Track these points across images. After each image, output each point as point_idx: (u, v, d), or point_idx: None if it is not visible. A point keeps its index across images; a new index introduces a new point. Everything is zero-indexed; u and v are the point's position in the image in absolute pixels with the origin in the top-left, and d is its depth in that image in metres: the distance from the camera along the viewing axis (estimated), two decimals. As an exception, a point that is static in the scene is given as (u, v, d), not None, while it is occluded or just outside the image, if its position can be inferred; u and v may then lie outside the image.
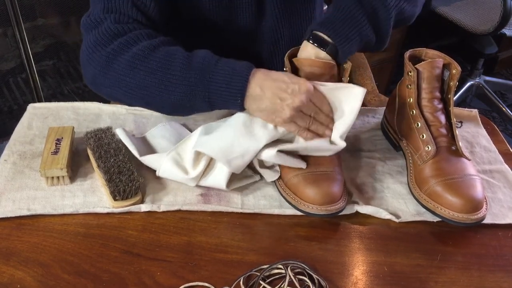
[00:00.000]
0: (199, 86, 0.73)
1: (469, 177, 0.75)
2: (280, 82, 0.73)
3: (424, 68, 0.80)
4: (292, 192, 0.76)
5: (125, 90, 0.77)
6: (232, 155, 0.74)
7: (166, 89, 0.75)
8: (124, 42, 0.77)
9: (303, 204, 0.74)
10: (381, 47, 0.86)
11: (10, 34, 1.74)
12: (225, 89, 0.73)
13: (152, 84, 0.75)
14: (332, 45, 0.78)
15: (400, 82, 0.87)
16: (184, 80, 0.74)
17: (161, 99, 0.76)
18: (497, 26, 1.90)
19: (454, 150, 0.78)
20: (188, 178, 0.77)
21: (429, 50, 0.85)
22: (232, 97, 0.73)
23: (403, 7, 0.84)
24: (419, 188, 0.77)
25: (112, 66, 0.77)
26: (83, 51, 0.80)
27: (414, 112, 0.81)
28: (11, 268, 0.66)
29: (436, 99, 0.81)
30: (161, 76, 0.74)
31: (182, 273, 0.67)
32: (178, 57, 0.75)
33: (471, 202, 0.72)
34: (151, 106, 0.81)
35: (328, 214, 0.74)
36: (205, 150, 0.75)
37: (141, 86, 0.76)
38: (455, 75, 0.80)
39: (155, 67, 0.75)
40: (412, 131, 0.81)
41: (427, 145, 0.78)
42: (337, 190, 0.75)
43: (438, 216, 0.74)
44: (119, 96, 0.80)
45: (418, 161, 0.79)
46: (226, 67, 0.73)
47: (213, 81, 0.73)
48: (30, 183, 0.79)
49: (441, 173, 0.75)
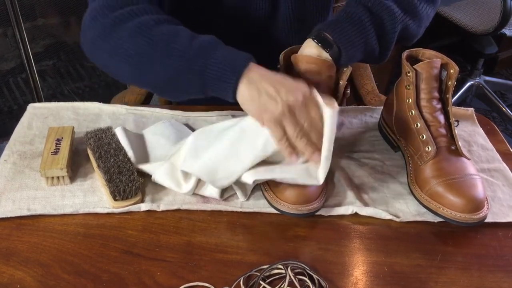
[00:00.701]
0: (197, 62, 0.72)
1: (470, 177, 0.75)
2: (279, 76, 0.72)
3: (423, 69, 0.80)
4: (270, 188, 0.76)
5: (122, 57, 0.76)
6: (217, 176, 0.74)
7: (164, 61, 0.74)
8: (132, 12, 0.77)
9: (278, 202, 0.74)
10: (381, 60, 0.86)
11: (10, 34, 1.74)
12: (224, 67, 0.72)
13: (151, 53, 0.74)
14: (336, 48, 0.77)
15: (397, 82, 0.87)
16: (184, 55, 0.73)
17: (157, 70, 0.75)
18: (497, 26, 1.90)
19: (454, 150, 0.78)
20: (182, 192, 0.77)
21: (426, 50, 0.85)
22: (228, 80, 0.71)
23: (408, 24, 0.84)
24: (420, 189, 0.77)
25: (115, 30, 0.76)
26: (88, 13, 0.80)
27: (413, 113, 0.81)
28: (11, 268, 0.66)
29: (435, 99, 0.81)
30: (162, 47, 0.73)
31: (182, 273, 0.67)
32: (182, 34, 0.75)
33: (473, 202, 0.72)
34: (144, 77, 0.78)
35: (299, 214, 0.74)
36: (192, 171, 0.75)
37: (139, 54, 0.75)
38: (453, 74, 0.80)
39: (157, 38, 0.74)
40: (412, 131, 0.81)
41: (427, 146, 0.78)
42: (313, 191, 0.74)
43: (440, 217, 0.74)
44: (114, 63, 0.78)
45: (418, 162, 0.79)
46: (228, 52, 0.73)
47: (212, 62, 0.72)
48: (30, 183, 0.79)
49: (442, 174, 0.75)
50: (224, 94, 0.73)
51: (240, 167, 0.73)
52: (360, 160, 0.87)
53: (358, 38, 0.79)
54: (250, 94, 0.71)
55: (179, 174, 0.77)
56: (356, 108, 1.01)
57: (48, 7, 1.82)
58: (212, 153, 0.75)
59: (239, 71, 0.71)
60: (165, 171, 0.78)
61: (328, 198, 0.79)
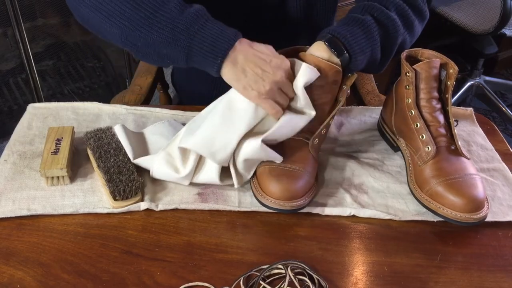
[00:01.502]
0: (183, 34, 0.72)
1: (470, 177, 0.75)
2: (263, 54, 0.74)
3: (422, 69, 0.80)
4: (258, 182, 0.77)
5: (105, 15, 0.74)
6: (214, 147, 0.74)
7: (149, 27, 0.72)
8: None
9: (263, 195, 0.75)
10: (379, 70, 0.88)
11: (10, 34, 1.74)
12: (209, 46, 0.72)
13: (137, 18, 0.73)
14: (347, 55, 0.77)
15: (396, 82, 0.87)
16: (170, 24, 0.72)
17: (139, 34, 0.73)
18: (497, 26, 1.90)
19: (454, 150, 0.79)
20: (181, 177, 0.77)
21: (425, 50, 0.85)
22: (213, 56, 0.72)
23: (406, 38, 0.86)
24: (420, 189, 0.77)
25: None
26: None
27: (413, 113, 0.81)
28: (11, 268, 0.66)
29: (434, 99, 0.81)
30: (149, 13, 0.72)
31: (182, 273, 0.67)
32: (172, 2, 0.73)
33: (473, 202, 0.72)
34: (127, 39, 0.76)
35: (282, 209, 0.74)
36: (189, 145, 0.75)
37: (124, 17, 0.73)
38: (452, 74, 0.80)
39: (145, 2, 0.73)
40: (411, 131, 0.81)
41: (427, 146, 0.78)
42: (299, 188, 0.74)
43: (440, 216, 0.74)
44: (96, 21, 0.76)
45: (418, 162, 0.79)
46: (216, 26, 0.73)
47: (199, 34, 0.72)
48: (30, 183, 0.79)
49: (442, 173, 0.75)
50: (209, 70, 0.75)
51: (235, 134, 0.75)
52: (359, 160, 0.87)
53: (367, 47, 0.79)
54: (235, 74, 0.73)
55: (177, 159, 0.78)
56: (355, 108, 1.01)
57: (48, 7, 1.82)
58: (206, 125, 0.76)
59: (223, 52, 0.72)
60: (162, 160, 0.78)
61: (326, 198, 0.79)
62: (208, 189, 0.79)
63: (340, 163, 0.86)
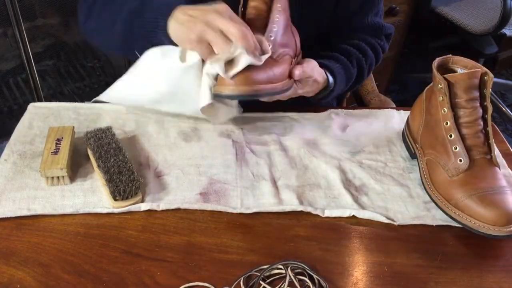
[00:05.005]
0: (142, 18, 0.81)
1: (502, 190, 0.73)
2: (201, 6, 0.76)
3: (461, 80, 0.77)
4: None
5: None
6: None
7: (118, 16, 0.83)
8: None
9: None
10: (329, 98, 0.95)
11: (10, 34, 1.74)
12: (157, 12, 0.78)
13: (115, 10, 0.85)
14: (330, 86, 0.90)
15: (427, 89, 0.85)
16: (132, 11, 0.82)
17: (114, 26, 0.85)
18: (497, 26, 1.90)
19: (488, 160, 0.76)
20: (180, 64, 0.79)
21: (455, 56, 0.83)
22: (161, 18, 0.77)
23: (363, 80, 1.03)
24: (446, 200, 0.75)
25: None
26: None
27: (447, 124, 0.78)
28: (11, 268, 0.66)
29: (474, 109, 0.78)
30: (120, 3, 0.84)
31: (182, 273, 0.67)
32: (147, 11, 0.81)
33: (505, 216, 0.70)
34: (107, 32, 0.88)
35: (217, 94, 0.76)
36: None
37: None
38: (488, 82, 0.78)
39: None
40: (444, 141, 0.78)
41: (459, 158, 0.76)
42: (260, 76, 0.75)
43: (468, 228, 0.73)
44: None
45: (448, 173, 0.77)
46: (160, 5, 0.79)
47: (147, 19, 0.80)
48: (30, 183, 0.79)
49: (474, 187, 0.73)
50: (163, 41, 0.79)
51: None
52: (362, 162, 0.87)
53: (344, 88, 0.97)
54: (174, 28, 0.76)
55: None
56: (360, 111, 1.01)
57: (48, 7, 1.82)
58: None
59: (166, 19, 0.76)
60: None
61: (327, 199, 0.79)
62: (211, 189, 0.79)
63: (342, 165, 0.86)
